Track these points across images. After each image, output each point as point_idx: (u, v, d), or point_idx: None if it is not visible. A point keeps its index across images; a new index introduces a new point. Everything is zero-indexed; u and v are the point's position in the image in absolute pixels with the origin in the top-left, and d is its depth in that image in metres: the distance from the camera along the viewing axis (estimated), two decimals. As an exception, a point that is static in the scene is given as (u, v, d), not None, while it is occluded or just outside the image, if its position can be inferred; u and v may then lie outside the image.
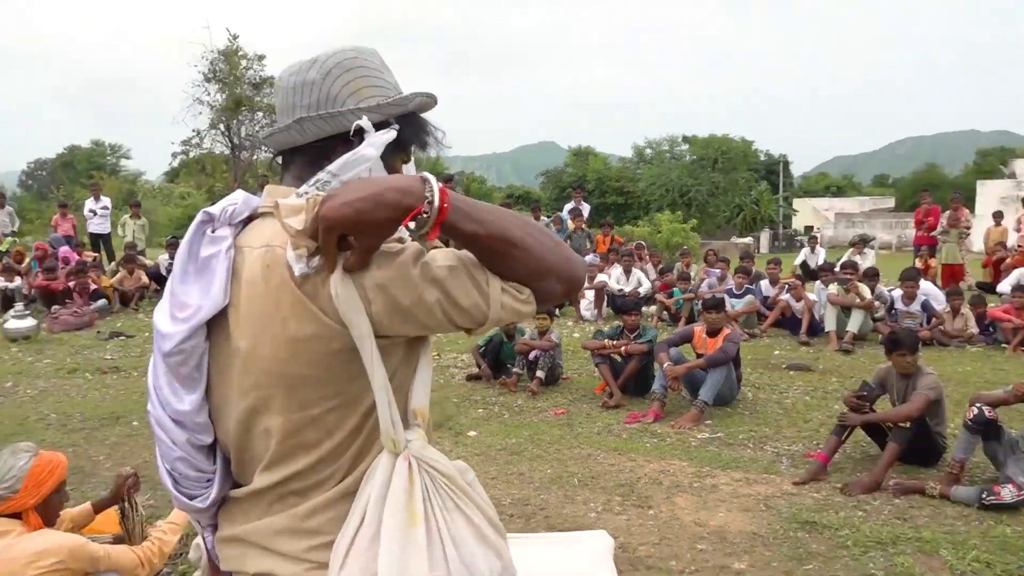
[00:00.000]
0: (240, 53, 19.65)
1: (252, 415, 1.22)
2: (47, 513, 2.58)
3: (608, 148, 59.72)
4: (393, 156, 1.30)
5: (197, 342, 1.22)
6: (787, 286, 9.65)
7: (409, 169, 1.36)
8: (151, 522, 3.40)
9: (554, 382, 7.07)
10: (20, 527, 2.48)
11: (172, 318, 1.23)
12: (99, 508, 3.06)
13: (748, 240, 28.46)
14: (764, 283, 10.07)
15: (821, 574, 3.51)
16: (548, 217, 14.52)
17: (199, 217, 1.27)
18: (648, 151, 49.01)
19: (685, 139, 46.56)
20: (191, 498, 1.30)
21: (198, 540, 3.14)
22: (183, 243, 1.27)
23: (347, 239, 1.08)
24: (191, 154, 20.95)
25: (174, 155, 22.16)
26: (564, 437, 5.59)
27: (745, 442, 5.45)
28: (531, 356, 7.03)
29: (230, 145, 20.12)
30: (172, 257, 12.37)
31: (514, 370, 7.09)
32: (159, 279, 12.50)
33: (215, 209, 1.27)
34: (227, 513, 1.32)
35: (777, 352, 8.49)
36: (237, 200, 1.27)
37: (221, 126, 19.85)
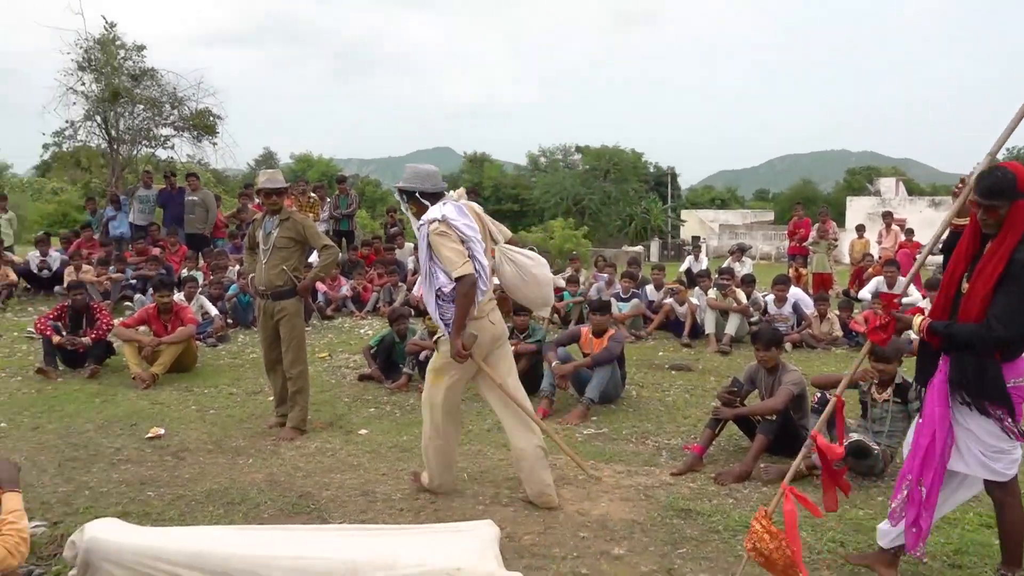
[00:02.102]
0: (117, 42, 18.72)
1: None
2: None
3: (503, 156, 60.20)
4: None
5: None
6: (671, 291, 10.09)
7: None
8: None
9: (446, 382, 7.13)
10: None
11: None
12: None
13: (638, 249, 29.39)
14: (649, 288, 10.48)
15: (693, 556, 3.73)
16: (442, 221, 14.57)
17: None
18: (542, 160, 49.82)
19: (578, 149, 47.59)
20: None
21: (73, 538, 3.06)
22: (475, 219, 4.16)
23: None
24: (64, 146, 19.74)
25: (45, 147, 20.84)
26: (455, 434, 5.67)
27: (628, 437, 5.69)
28: (421, 356, 7.07)
29: (107, 138, 19.09)
30: (44, 254, 11.71)
31: (404, 370, 7.11)
32: (29, 277, 11.76)
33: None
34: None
35: (661, 353, 8.86)
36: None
37: (97, 118, 18.81)
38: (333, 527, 3.82)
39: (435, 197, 4.15)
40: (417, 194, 4.17)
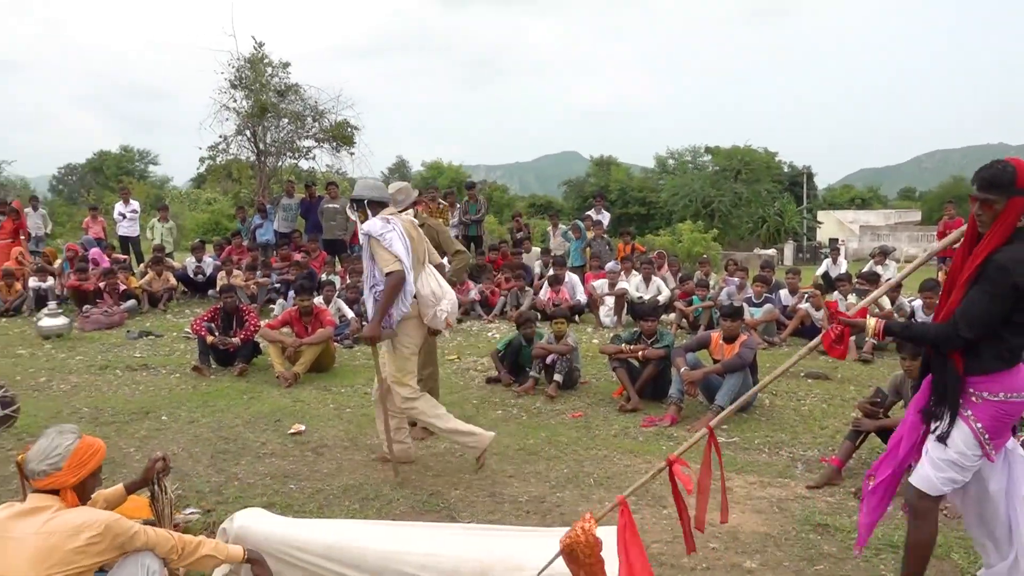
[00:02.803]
0: (265, 60, 19.90)
1: (421, 265, 4.88)
2: (84, 494, 2.69)
3: (630, 158, 59.58)
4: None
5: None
6: (806, 295, 9.67)
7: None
8: (178, 508, 3.54)
9: (572, 386, 7.14)
10: (58, 503, 2.60)
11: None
12: (131, 489, 3.19)
13: (771, 252, 28.32)
14: (783, 292, 10.09)
15: (832, 574, 3.56)
16: (567, 225, 14.62)
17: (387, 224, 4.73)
18: (671, 161, 48.96)
19: (708, 150, 46.47)
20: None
21: (224, 525, 3.25)
22: (400, 231, 4.75)
23: None
24: (218, 159, 21.21)
25: (201, 160, 22.43)
26: (581, 439, 5.67)
27: (760, 447, 5.50)
28: (548, 360, 7.12)
29: (255, 151, 20.36)
30: (199, 260, 12.63)
31: (531, 374, 7.17)
32: (187, 281, 12.73)
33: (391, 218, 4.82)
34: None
35: (796, 361, 8.50)
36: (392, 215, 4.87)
37: (247, 132, 20.08)
38: (462, 526, 3.91)
39: (380, 205, 4.94)
40: (366, 202, 4.95)
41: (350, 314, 9.76)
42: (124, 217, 14.92)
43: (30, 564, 2.45)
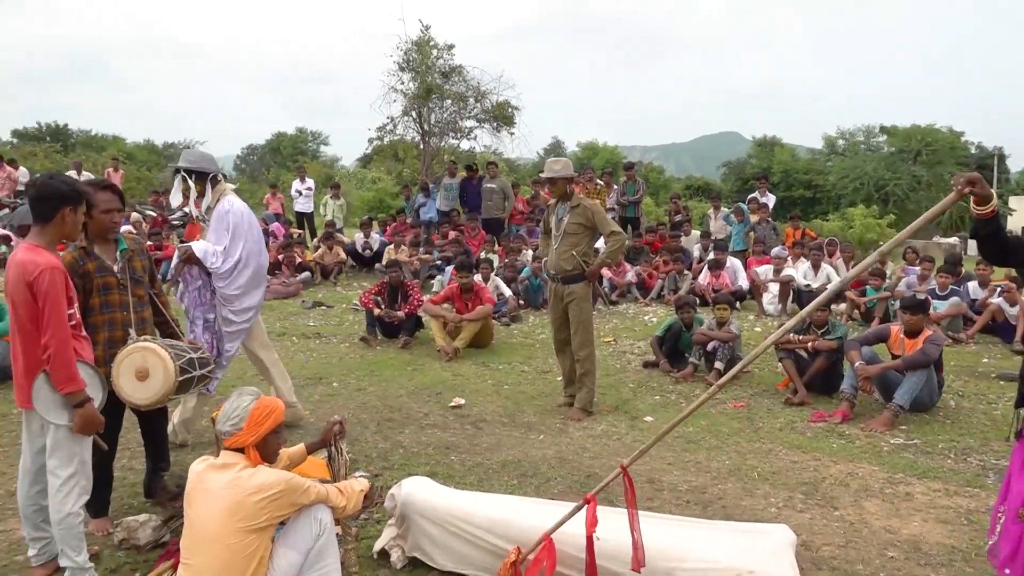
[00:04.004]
0: (431, 43, 20.46)
1: None
2: (265, 451, 2.87)
3: (796, 139, 56.57)
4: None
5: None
6: (999, 289, 8.81)
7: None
8: (352, 470, 3.72)
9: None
10: (244, 461, 2.79)
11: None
12: (311, 450, 3.40)
13: (953, 240, 26.05)
14: (972, 285, 9.25)
15: (1031, 598, 3.22)
16: (729, 208, 14.10)
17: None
18: (841, 142, 46.08)
19: (883, 129, 43.32)
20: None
21: (392, 491, 3.38)
22: (248, 216, 4.94)
23: None
24: (385, 140, 22.09)
25: (370, 141, 23.44)
26: (743, 430, 5.47)
27: (945, 452, 5.07)
28: (709, 347, 6.90)
29: (420, 131, 21.03)
30: (367, 236, 13.24)
31: (691, 360, 6.98)
32: (355, 256, 13.39)
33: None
34: None
35: (986, 360, 7.78)
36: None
37: (413, 113, 20.77)
38: (621, 511, 3.85)
39: (216, 181, 4.88)
40: (214, 175, 4.84)
41: (508, 292, 9.90)
42: (300, 194, 15.85)
43: (222, 516, 2.65)
